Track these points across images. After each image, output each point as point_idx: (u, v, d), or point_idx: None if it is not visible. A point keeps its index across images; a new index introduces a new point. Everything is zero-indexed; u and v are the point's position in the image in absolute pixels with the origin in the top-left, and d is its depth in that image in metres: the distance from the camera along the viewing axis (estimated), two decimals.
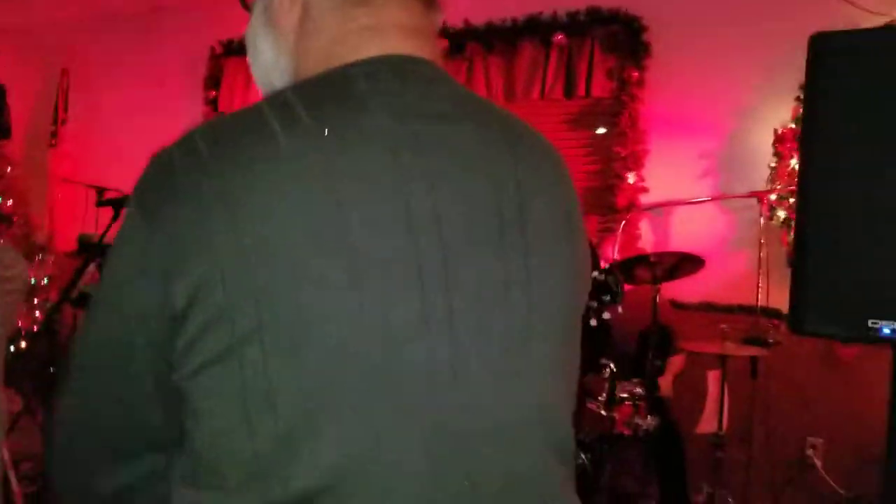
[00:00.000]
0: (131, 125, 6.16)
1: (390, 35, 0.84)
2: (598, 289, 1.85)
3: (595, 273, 1.87)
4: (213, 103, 5.86)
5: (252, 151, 0.74)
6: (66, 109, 6.30)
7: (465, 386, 0.77)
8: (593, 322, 1.88)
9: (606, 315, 1.87)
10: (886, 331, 1.29)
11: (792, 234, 3.90)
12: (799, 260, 1.41)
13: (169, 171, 0.75)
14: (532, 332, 0.82)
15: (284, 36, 0.88)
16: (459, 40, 4.83)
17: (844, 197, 1.37)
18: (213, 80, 5.84)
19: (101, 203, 3.75)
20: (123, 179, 4.32)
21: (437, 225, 0.76)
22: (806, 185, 1.42)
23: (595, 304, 1.86)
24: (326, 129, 0.75)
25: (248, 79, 5.68)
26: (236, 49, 5.69)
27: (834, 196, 1.38)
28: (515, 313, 0.80)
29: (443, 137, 0.80)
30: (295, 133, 0.74)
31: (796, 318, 1.38)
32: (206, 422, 0.75)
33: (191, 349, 0.73)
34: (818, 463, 4.00)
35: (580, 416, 2.54)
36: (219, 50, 5.79)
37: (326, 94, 0.79)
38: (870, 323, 1.30)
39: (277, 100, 0.78)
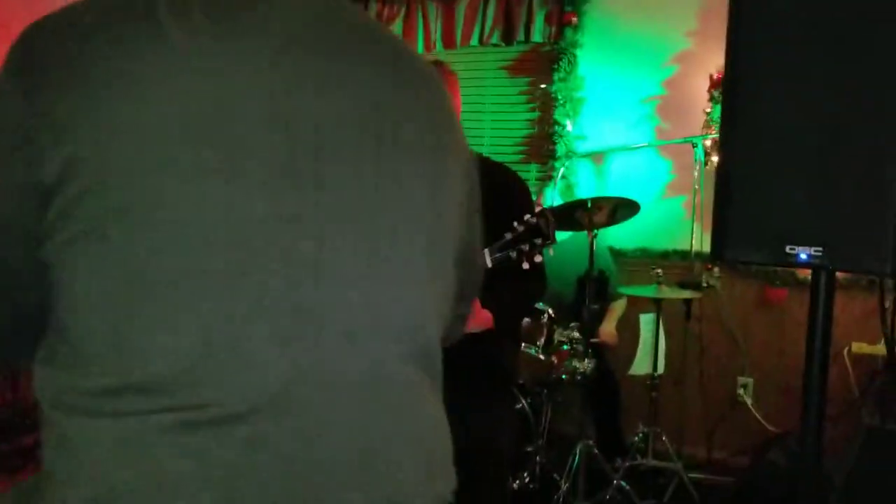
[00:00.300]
0: None
1: None
2: (530, 231, 1.84)
3: (527, 216, 1.85)
4: None
5: (137, 34, 0.74)
6: None
7: (327, 282, 0.79)
8: (525, 265, 1.87)
9: (538, 258, 1.86)
10: (803, 256, 1.31)
11: None
12: (720, 191, 1.42)
13: (46, 40, 0.75)
14: (397, 241, 0.84)
15: None
16: None
17: (763, 130, 1.38)
18: None
19: None
20: None
21: (313, 128, 0.79)
22: (728, 118, 1.43)
23: (527, 246, 1.85)
24: (216, 26, 0.76)
25: None
26: None
27: (754, 129, 1.39)
28: (382, 222, 0.83)
29: (330, 48, 0.83)
30: (183, 24, 0.75)
31: (718, 247, 1.39)
32: (68, 297, 0.75)
33: (58, 222, 0.73)
34: (748, 401, 4.13)
35: (516, 359, 2.56)
36: None
37: None
38: (788, 249, 1.32)
39: None
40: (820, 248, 1.29)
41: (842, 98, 1.30)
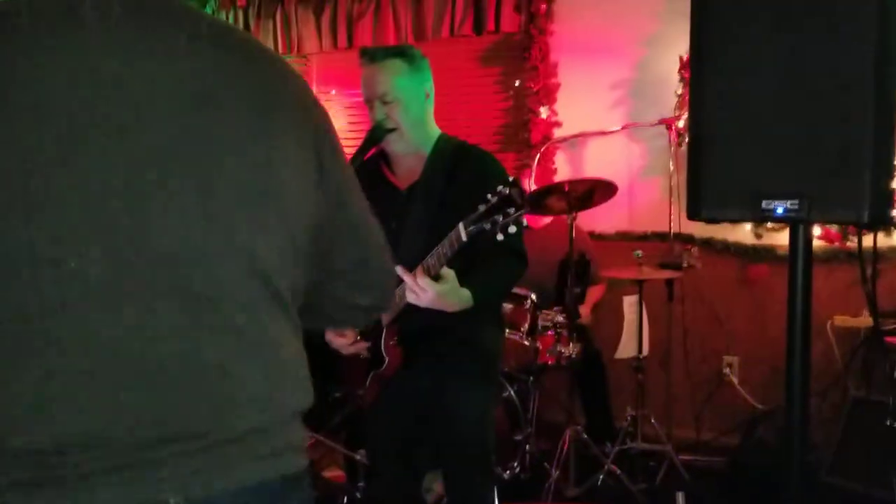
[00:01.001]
0: None
1: None
2: (504, 202, 1.84)
3: (500, 187, 1.84)
4: None
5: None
6: None
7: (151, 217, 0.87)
8: (500, 236, 1.86)
9: (512, 228, 1.85)
10: (780, 210, 1.29)
11: None
12: (693, 150, 1.40)
13: None
14: (217, 194, 0.91)
15: None
16: None
17: (733, 89, 1.36)
18: None
19: None
20: None
21: (133, 93, 0.88)
22: (698, 78, 1.41)
23: (500, 217, 1.84)
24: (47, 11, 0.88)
25: None
26: None
27: (724, 89, 1.37)
28: (203, 174, 0.90)
29: (155, 31, 0.92)
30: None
31: (694, 206, 1.37)
32: None
33: None
34: (734, 379, 4.14)
35: (501, 345, 2.54)
36: None
37: None
38: (764, 204, 1.31)
39: None
40: (796, 202, 1.28)
41: (809, 57, 1.28)
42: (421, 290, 1.96)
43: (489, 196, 1.85)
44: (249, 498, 0.94)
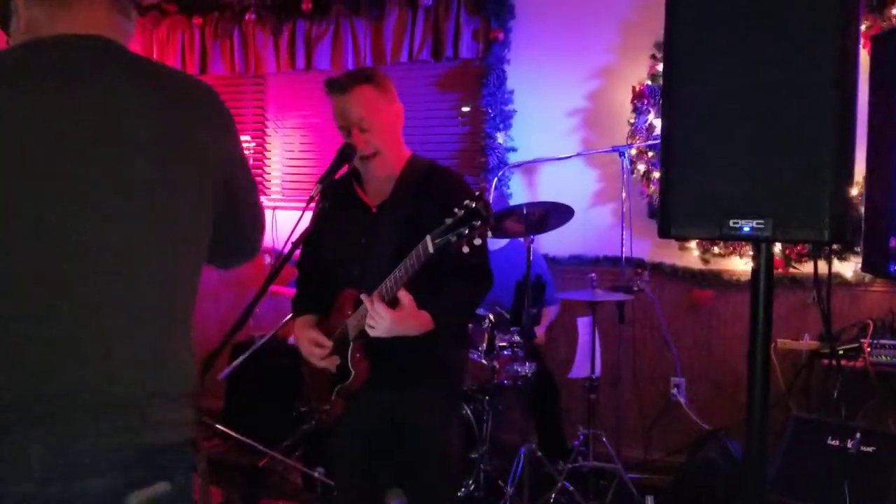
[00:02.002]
0: None
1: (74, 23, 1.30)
2: (470, 215, 1.89)
3: (466, 201, 1.91)
4: None
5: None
6: None
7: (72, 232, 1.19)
8: (465, 249, 1.91)
9: (478, 241, 1.90)
10: (746, 229, 1.38)
11: (651, 186, 4.11)
12: (665, 171, 1.48)
13: None
14: (125, 208, 1.23)
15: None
16: (325, 2, 4.76)
17: (702, 112, 1.45)
18: None
19: None
20: None
21: (63, 131, 1.20)
22: (669, 99, 1.50)
23: (466, 230, 1.89)
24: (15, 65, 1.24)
25: None
26: None
27: (693, 112, 1.46)
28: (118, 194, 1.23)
29: (85, 81, 1.25)
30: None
31: (665, 224, 1.45)
32: None
33: None
34: (681, 400, 4.26)
35: (464, 364, 2.59)
36: None
37: (27, 48, 1.27)
38: (731, 223, 1.39)
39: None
40: (762, 221, 1.36)
41: (774, 81, 1.38)
42: (379, 318, 1.99)
43: (456, 210, 1.89)
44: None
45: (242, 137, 5.30)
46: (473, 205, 1.88)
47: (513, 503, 3.46)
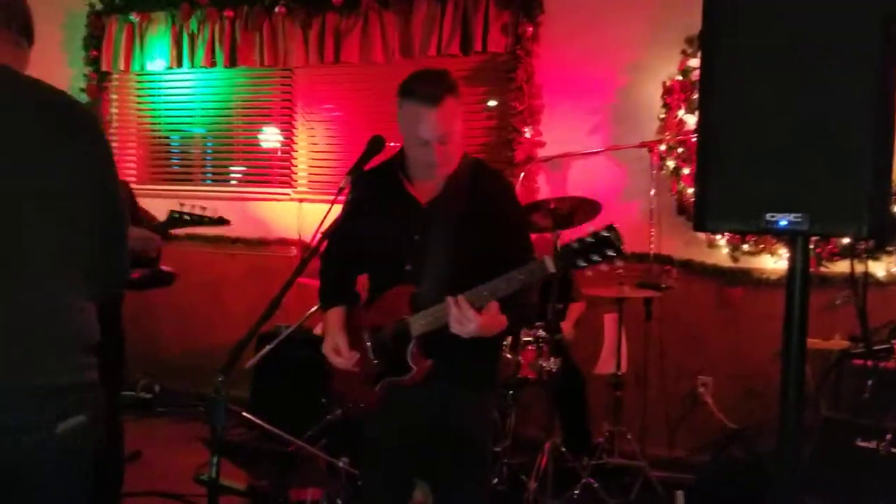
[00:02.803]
0: None
1: None
2: (601, 243, 1.94)
3: (598, 231, 1.95)
4: (94, 63, 5.56)
5: None
6: None
7: None
8: (589, 273, 2.00)
9: (604, 267, 1.97)
10: (783, 223, 1.36)
11: (681, 183, 4.08)
12: (700, 164, 1.47)
13: None
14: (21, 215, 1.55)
15: None
16: None
17: (739, 104, 1.43)
18: (94, 39, 5.54)
19: None
20: None
21: None
22: (707, 93, 1.48)
23: (597, 256, 1.95)
24: None
25: (132, 38, 5.42)
26: (119, 6, 5.43)
27: (730, 104, 1.44)
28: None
29: None
30: None
31: (699, 218, 1.44)
32: None
33: None
34: (708, 399, 4.22)
35: (500, 362, 2.61)
36: (98, 6, 5.49)
37: None
38: (767, 217, 1.37)
39: None
40: (799, 215, 1.35)
41: (813, 73, 1.36)
42: (467, 322, 2.03)
43: (587, 237, 1.95)
44: None
45: (271, 129, 5.37)
46: (607, 234, 1.93)
47: (536, 498, 3.46)
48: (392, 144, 2.26)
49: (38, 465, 1.49)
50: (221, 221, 3.26)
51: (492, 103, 4.66)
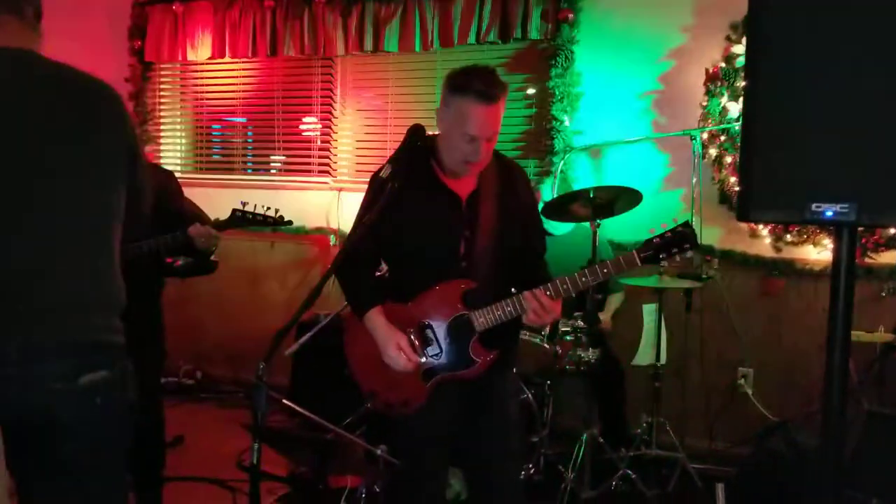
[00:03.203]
0: None
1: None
2: (680, 238, 2.18)
3: (676, 227, 2.20)
4: (138, 53, 5.65)
5: None
6: None
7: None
8: (664, 264, 2.30)
9: (678, 259, 2.24)
10: (829, 213, 1.33)
11: (723, 171, 4.01)
12: (744, 152, 1.44)
13: None
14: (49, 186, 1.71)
15: None
16: None
17: (786, 89, 1.40)
18: (138, 30, 5.62)
19: None
20: None
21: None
22: (753, 81, 1.45)
23: (676, 250, 2.19)
24: None
25: (175, 28, 5.49)
26: None
27: (776, 90, 1.41)
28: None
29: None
30: None
31: (743, 207, 1.41)
32: None
33: None
34: (749, 391, 4.17)
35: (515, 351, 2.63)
36: None
37: None
38: (813, 207, 1.35)
39: None
40: (846, 205, 1.32)
41: (864, 61, 1.32)
42: (550, 315, 2.16)
43: (665, 232, 2.19)
44: None
45: (310, 119, 5.41)
46: (685, 230, 2.17)
47: (573, 488, 3.45)
48: (430, 134, 2.27)
49: (68, 410, 1.68)
50: (283, 222, 3.25)
51: (531, 91, 4.64)
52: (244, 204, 3.20)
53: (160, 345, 3.32)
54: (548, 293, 2.15)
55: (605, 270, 2.15)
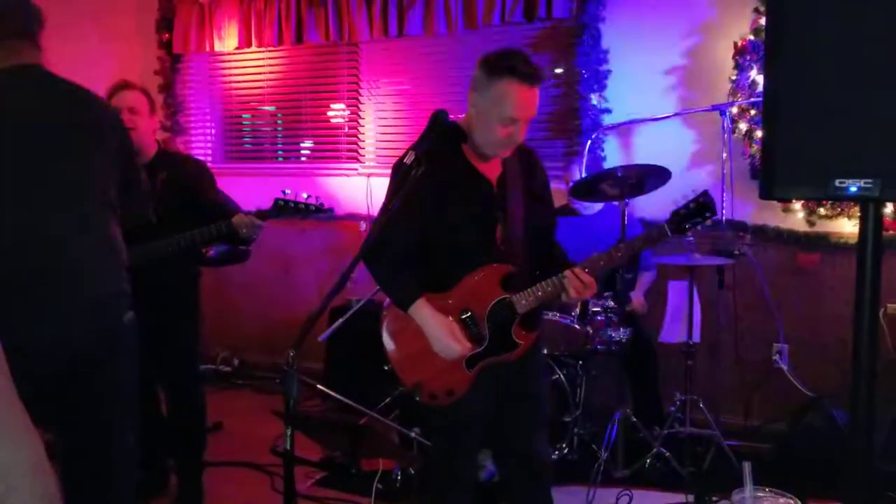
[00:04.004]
0: (81, 72, 5.99)
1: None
2: (701, 208, 2.28)
3: (698, 198, 2.32)
4: (166, 46, 5.71)
5: None
6: None
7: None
8: (690, 235, 2.47)
9: (691, 237, 2.39)
10: (853, 189, 1.32)
11: (753, 146, 3.96)
12: (767, 128, 1.43)
13: None
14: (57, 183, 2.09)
15: None
16: None
17: (810, 66, 1.38)
18: (166, 22, 5.68)
19: None
20: None
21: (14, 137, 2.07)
22: (775, 56, 1.44)
23: (700, 219, 2.29)
24: None
25: (202, 19, 5.54)
26: None
27: (801, 66, 1.40)
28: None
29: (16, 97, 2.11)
30: None
31: (767, 184, 1.40)
32: None
33: None
34: (784, 367, 4.13)
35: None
36: None
37: None
38: (837, 183, 1.33)
39: None
40: (870, 181, 1.30)
41: (888, 37, 1.30)
42: (587, 289, 2.22)
43: (689, 203, 2.28)
44: None
45: (338, 105, 5.43)
46: (704, 199, 2.28)
47: (607, 467, 3.46)
48: (452, 118, 2.26)
49: (118, 341, 2.14)
50: (322, 210, 3.31)
51: (558, 71, 4.60)
52: (285, 193, 3.24)
53: (197, 333, 3.38)
54: (586, 270, 2.20)
55: (638, 244, 2.27)
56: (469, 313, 2.26)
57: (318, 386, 3.42)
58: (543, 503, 2.46)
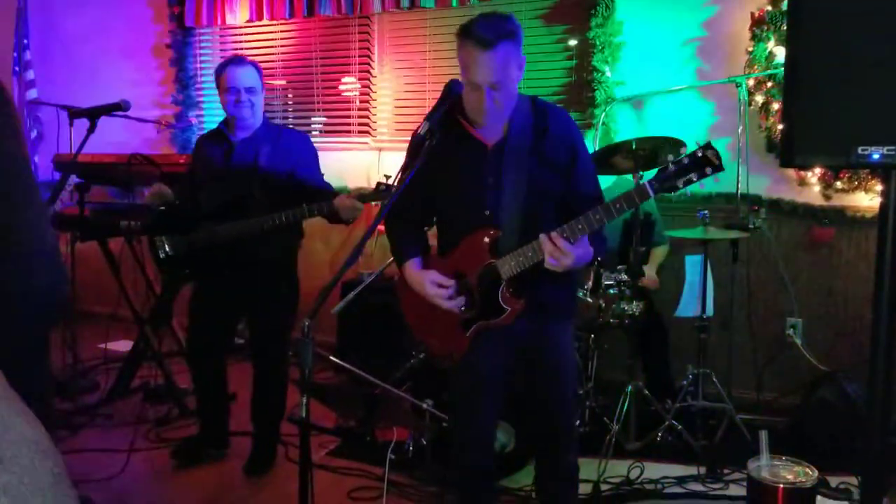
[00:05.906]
0: (93, 45, 5.99)
1: None
2: (699, 162, 2.03)
3: (694, 151, 2.05)
4: (178, 19, 5.68)
5: None
6: (26, 35, 6.09)
7: None
8: (701, 186, 2.11)
9: (700, 186, 2.09)
10: (876, 156, 1.30)
11: (770, 119, 3.91)
12: (788, 96, 1.41)
13: None
14: None
15: None
16: None
17: (832, 34, 1.36)
18: None
19: (75, 115, 3.67)
20: (91, 98, 4.23)
21: None
22: (797, 23, 1.41)
23: (695, 176, 2.04)
24: None
25: None
26: None
27: (822, 34, 1.38)
28: None
29: None
30: None
31: (787, 152, 1.39)
32: None
33: None
34: (798, 341, 4.11)
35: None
36: None
37: None
38: (859, 150, 1.31)
39: None
40: (893, 148, 1.28)
41: None
42: (564, 256, 2.06)
43: (682, 157, 2.01)
44: None
45: (349, 79, 5.40)
46: (703, 153, 2.02)
47: (619, 439, 3.47)
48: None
49: None
50: None
51: (572, 42, 4.56)
52: (387, 177, 3.20)
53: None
54: (564, 235, 2.08)
55: (618, 206, 2.04)
56: (463, 276, 2.29)
57: (332, 358, 3.43)
58: (566, 470, 2.46)
